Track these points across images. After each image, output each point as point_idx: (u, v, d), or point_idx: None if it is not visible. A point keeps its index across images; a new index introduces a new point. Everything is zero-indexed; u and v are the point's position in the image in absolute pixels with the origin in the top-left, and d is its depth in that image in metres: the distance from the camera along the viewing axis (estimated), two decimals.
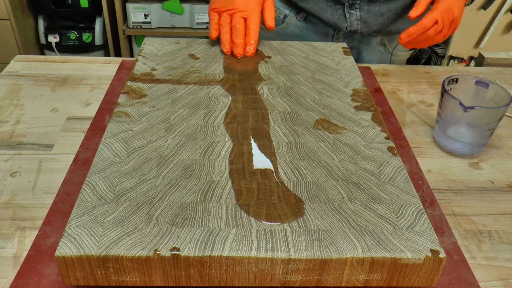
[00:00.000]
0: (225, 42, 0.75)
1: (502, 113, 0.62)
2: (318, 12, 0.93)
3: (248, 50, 0.74)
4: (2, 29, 2.18)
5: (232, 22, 0.75)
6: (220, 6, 0.77)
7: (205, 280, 0.42)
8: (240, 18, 0.75)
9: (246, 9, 0.76)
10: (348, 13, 0.91)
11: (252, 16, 0.75)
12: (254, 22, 0.75)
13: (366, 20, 0.91)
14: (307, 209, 0.45)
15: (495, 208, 0.58)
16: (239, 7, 0.76)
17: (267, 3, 0.79)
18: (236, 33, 0.74)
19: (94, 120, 0.68)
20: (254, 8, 0.76)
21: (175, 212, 0.44)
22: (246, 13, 0.75)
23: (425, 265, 0.42)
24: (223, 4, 0.77)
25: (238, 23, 0.75)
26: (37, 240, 0.49)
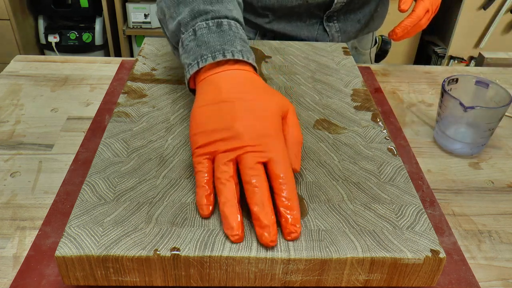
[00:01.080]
0: (232, 220, 0.40)
1: (502, 113, 0.63)
2: (294, 31, 0.87)
3: (293, 231, 0.40)
4: (2, 29, 2.18)
5: (242, 170, 0.41)
6: (210, 146, 0.43)
7: (205, 280, 0.42)
8: (256, 164, 0.41)
9: (261, 144, 0.42)
10: (328, 27, 0.88)
11: (278, 157, 0.42)
12: (282, 167, 0.41)
13: (345, 30, 0.90)
14: (307, 209, 0.45)
15: (495, 208, 0.58)
16: (248, 141, 0.42)
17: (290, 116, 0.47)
18: (261, 206, 0.40)
19: (94, 120, 0.68)
20: (278, 137, 0.43)
21: (175, 212, 0.44)
22: (264, 153, 0.41)
23: (425, 265, 0.42)
24: (218, 137, 0.43)
25: (254, 175, 0.40)
26: (37, 240, 0.49)
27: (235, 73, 0.48)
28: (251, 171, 0.40)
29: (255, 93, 0.46)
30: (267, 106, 0.45)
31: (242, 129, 0.42)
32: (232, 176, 0.41)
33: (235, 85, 0.47)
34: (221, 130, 0.43)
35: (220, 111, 0.44)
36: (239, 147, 0.42)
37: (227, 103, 0.44)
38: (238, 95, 0.45)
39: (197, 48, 0.50)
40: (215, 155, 0.43)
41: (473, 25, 2.17)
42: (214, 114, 0.44)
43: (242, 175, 0.41)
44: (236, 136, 0.42)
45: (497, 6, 2.11)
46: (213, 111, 0.45)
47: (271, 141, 0.42)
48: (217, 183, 0.42)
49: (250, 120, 0.43)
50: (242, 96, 0.45)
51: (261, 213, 0.39)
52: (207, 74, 0.49)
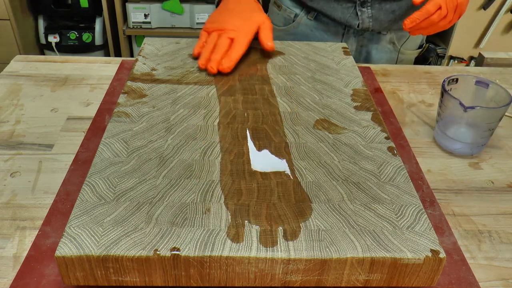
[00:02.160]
0: (202, 57, 0.70)
1: (502, 113, 0.62)
2: (329, 11, 0.93)
3: (223, 63, 0.68)
4: (2, 29, 2.18)
5: (217, 41, 0.72)
6: (211, 26, 0.75)
7: (205, 280, 0.42)
8: (226, 38, 0.71)
9: (235, 29, 0.72)
10: (360, 11, 0.92)
11: (239, 36, 0.72)
12: (240, 42, 0.71)
13: (377, 17, 0.92)
14: (307, 209, 0.45)
15: (495, 208, 0.58)
16: (229, 28, 0.73)
17: (263, 26, 0.75)
18: (216, 49, 0.70)
19: (94, 120, 0.68)
20: (246, 30, 0.73)
21: (175, 212, 0.44)
22: (234, 33, 0.72)
23: (425, 265, 0.42)
24: (215, 25, 0.75)
25: (222, 42, 0.71)
26: (37, 240, 0.49)
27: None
28: (222, 39, 0.71)
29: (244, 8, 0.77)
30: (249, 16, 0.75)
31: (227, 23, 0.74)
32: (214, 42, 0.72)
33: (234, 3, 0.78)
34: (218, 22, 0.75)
35: (221, 14, 0.77)
36: (223, 29, 0.73)
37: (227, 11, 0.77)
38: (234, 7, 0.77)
39: None
40: (210, 32, 0.75)
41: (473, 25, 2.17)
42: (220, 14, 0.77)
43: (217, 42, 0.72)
44: (223, 24, 0.74)
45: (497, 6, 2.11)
46: (218, 13, 0.78)
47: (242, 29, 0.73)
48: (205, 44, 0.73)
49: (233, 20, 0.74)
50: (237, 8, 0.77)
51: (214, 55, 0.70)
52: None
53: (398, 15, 0.93)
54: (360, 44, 0.97)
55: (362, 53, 0.98)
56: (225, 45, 0.70)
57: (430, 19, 0.75)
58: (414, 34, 0.80)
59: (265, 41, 0.73)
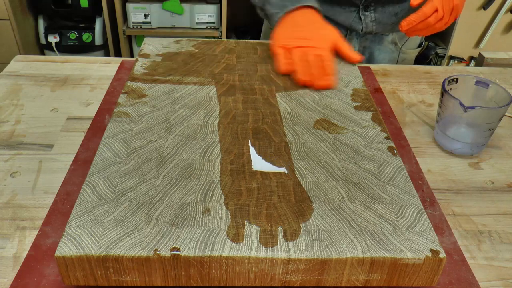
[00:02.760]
0: (304, 73, 0.67)
1: (502, 113, 0.62)
2: (332, 15, 0.93)
3: (328, 79, 0.67)
4: (2, 29, 2.18)
5: (307, 58, 0.69)
6: (289, 43, 0.72)
7: (205, 280, 0.42)
8: (315, 56, 0.69)
9: (319, 46, 0.70)
10: (363, 15, 0.92)
11: (326, 53, 0.70)
12: (329, 58, 0.69)
13: (380, 20, 0.93)
14: (307, 209, 0.45)
15: (495, 208, 0.58)
16: (311, 45, 0.70)
17: (340, 41, 0.75)
18: (314, 67, 0.68)
19: (94, 120, 0.68)
20: (328, 46, 0.71)
21: (175, 212, 0.44)
22: (320, 51, 0.70)
23: (425, 265, 0.42)
24: (294, 42, 0.72)
25: (313, 59, 0.68)
26: (37, 240, 0.49)
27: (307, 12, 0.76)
28: (312, 56, 0.69)
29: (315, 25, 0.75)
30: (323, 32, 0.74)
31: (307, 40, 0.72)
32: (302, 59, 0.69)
33: (303, 18, 0.76)
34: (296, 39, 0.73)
35: (294, 30, 0.74)
36: (306, 46, 0.70)
37: (301, 26, 0.75)
38: (305, 23, 0.75)
39: (280, 1, 0.78)
40: (290, 49, 0.71)
41: (473, 25, 2.17)
42: (294, 30, 0.75)
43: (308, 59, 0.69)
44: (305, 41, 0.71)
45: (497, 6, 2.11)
46: (290, 29, 0.75)
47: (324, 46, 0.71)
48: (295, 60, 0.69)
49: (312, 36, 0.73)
50: (309, 25, 0.75)
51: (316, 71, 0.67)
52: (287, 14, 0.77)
53: (401, 17, 0.93)
54: (362, 46, 0.97)
55: (365, 54, 0.99)
56: (318, 62, 0.68)
57: (426, 22, 0.75)
58: (411, 35, 0.80)
59: (351, 54, 0.74)
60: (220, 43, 0.78)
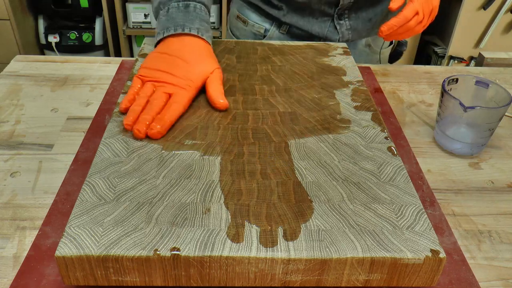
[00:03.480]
0: (129, 115, 0.55)
1: (502, 113, 0.63)
2: (305, 26, 0.91)
3: (153, 128, 0.53)
4: (2, 29, 2.18)
5: (151, 96, 0.59)
6: (146, 73, 0.61)
7: (205, 280, 0.42)
8: (162, 93, 0.59)
9: (176, 83, 0.60)
10: (338, 24, 0.90)
11: (180, 92, 0.59)
12: (179, 100, 0.58)
13: (356, 28, 0.91)
14: (307, 209, 0.45)
15: (495, 208, 0.58)
16: (168, 80, 0.60)
17: (212, 77, 0.62)
18: (149, 107, 0.57)
19: (94, 120, 0.68)
20: (189, 84, 0.60)
21: (175, 212, 0.44)
22: (173, 88, 0.59)
23: (425, 265, 0.42)
24: (151, 73, 0.61)
25: (156, 98, 0.58)
26: (37, 240, 0.49)
27: (186, 38, 0.65)
28: (158, 94, 0.59)
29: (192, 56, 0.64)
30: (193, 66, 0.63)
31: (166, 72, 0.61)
32: (147, 95, 0.59)
33: (179, 46, 0.65)
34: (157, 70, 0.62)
35: (161, 59, 0.63)
36: (161, 81, 0.60)
37: (168, 55, 0.63)
38: (177, 52, 0.64)
39: (166, 21, 0.67)
40: (145, 81, 0.61)
41: (473, 25, 2.17)
42: (159, 59, 0.63)
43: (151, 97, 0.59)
44: (162, 75, 0.61)
45: (497, 6, 2.11)
46: (158, 57, 0.64)
47: (184, 84, 0.60)
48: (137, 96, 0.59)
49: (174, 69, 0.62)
50: (181, 54, 0.63)
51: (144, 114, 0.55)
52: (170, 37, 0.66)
53: (375, 22, 0.92)
54: None
55: None
56: (160, 102, 0.57)
57: (407, 25, 0.73)
58: (389, 40, 0.77)
59: (216, 97, 0.60)
60: (220, 43, 0.78)
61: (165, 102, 0.58)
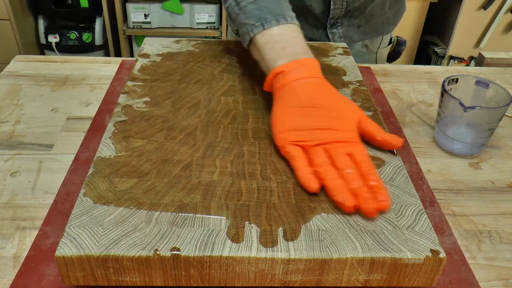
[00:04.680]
0: (345, 194, 0.46)
1: (502, 113, 0.62)
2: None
3: (382, 198, 0.45)
4: (2, 29, 2.18)
5: (334, 161, 0.49)
6: (301, 137, 0.51)
7: (205, 280, 0.42)
8: (345, 155, 0.50)
9: (347, 139, 0.51)
10: (331, 33, 0.91)
11: (358, 148, 0.51)
12: (365, 158, 0.50)
13: (348, 35, 0.92)
14: (307, 209, 0.45)
15: (495, 208, 0.58)
16: (338, 137, 0.51)
17: (365, 119, 0.55)
18: (350, 176, 0.48)
19: (94, 120, 0.68)
20: (356, 135, 0.52)
21: (175, 212, 0.44)
22: (348, 146, 0.51)
23: (425, 265, 0.42)
24: (309, 135, 0.51)
25: (347, 165, 0.49)
26: (37, 240, 0.49)
27: (310, 82, 0.56)
28: (342, 157, 0.49)
29: (332, 100, 0.55)
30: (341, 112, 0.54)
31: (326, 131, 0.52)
32: (329, 163, 0.49)
33: (315, 92, 0.55)
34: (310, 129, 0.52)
35: (308, 114, 0.53)
36: (329, 141, 0.51)
37: (311, 108, 0.53)
38: (318, 101, 0.54)
39: (258, 11, 0.60)
40: (308, 147, 0.51)
41: (473, 25, 2.17)
42: (304, 115, 0.53)
43: (336, 163, 0.49)
44: (326, 134, 0.51)
45: (497, 6, 2.11)
46: (299, 113, 0.53)
47: (352, 136, 0.52)
48: (320, 169, 0.49)
49: (332, 123, 0.52)
50: (322, 102, 0.54)
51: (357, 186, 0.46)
52: (285, 80, 0.56)
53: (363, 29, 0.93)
54: None
55: None
56: (353, 167, 0.49)
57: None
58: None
59: (391, 139, 0.53)
60: (220, 43, 0.78)
61: (359, 166, 0.49)
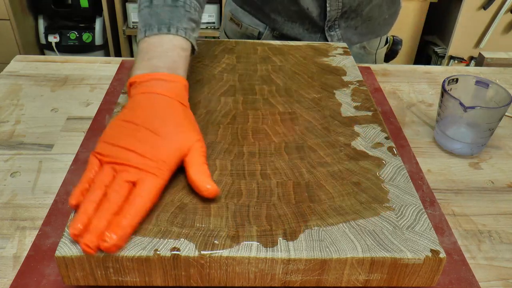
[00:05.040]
0: (78, 217, 0.41)
1: (502, 113, 0.63)
2: (296, 35, 0.91)
3: (107, 239, 0.39)
4: (2, 29, 2.18)
5: (109, 187, 0.43)
6: (106, 151, 0.46)
7: (205, 280, 0.42)
8: (123, 182, 0.43)
9: (143, 167, 0.44)
10: (330, 36, 0.91)
11: (148, 180, 0.44)
12: (145, 192, 0.43)
13: (346, 37, 0.92)
14: (307, 209, 0.45)
15: (495, 208, 0.58)
16: (134, 162, 0.44)
17: (193, 154, 0.48)
18: (103, 206, 0.42)
19: (94, 120, 0.68)
20: (160, 166, 0.45)
21: (175, 212, 0.44)
22: (139, 174, 0.44)
23: (425, 265, 0.42)
24: (112, 151, 0.46)
25: (116, 190, 0.43)
26: (37, 240, 0.49)
27: (157, 98, 0.50)
28: (119, 183, 0.44)
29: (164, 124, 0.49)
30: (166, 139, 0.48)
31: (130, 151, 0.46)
32: (104, 184, 0.44)
33: (150, 110, 0.50)
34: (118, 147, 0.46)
35: (125, 129, 0.48)
36: (124, 163, 0.45)
37: (134, 125, 0.48)
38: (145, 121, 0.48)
39: (148, 16, 0.57)
40: (103, 162, 0.46)
41: (473, 25, 2.17)
42: (122, 131, 0.48)
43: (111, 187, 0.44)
44: (126, 155, 0.45)
45: (497, 6, 2.11)
46: (122, 128, 0.48)
47: (154, 166, 0.45)
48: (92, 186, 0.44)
49: (141, 145, 0.46)
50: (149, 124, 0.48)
51: (99, 217, 0.41)
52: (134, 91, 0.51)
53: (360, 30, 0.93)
54: None
55: None
56: (120, 196, 0.43)
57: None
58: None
59: (201, 182, 0.45)
60: (220, 43, 0.78)
61: (126, 195, 0.43)
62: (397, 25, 1.02)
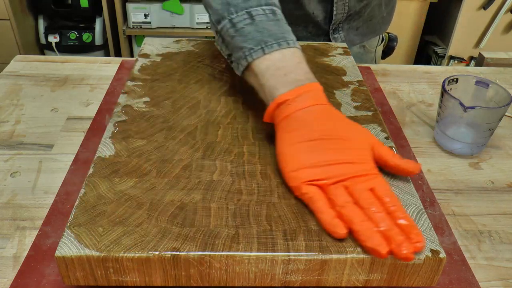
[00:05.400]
0: (377, 239, 0.41)
1: (502, 113, 0.63)
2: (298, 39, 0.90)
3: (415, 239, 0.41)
4: (2, 29, 2.18)
5: (356, 199, 0.44)
6: (318, 175, 0.46)
7: (205, 280, 0.42)
8: (367, 192, 0.45)
9: (366, 172, 0.47)
10: (334, 39, 0.91)
11: (378, 181, 0.46)
12: (388, 188, 0.46)
13: (349, 38, 0.93)
14: (307, 209, 0.45)
15: (495, 208, 0.58)
16: (356, 171, 0.46)
17: (377, 147, 0.50)
18: (377, 216, 0.43)
19: (94, 120, 0.68)
20: (373, 166, 0.48)
21: (175, 212, 0.44)
22: (368, 180, 0.46)
23: (425, 265, 0.42)
24: (325, 172, 0.46)
25: (371, 202, 0.44)
26: (37, 240, 0.49)
27: (316, 110, 0.52)
28: (365, 195, 0.45)
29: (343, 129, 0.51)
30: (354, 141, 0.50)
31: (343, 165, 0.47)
32: (351, 202, 0.44)
33: (322, 121, 0.51)
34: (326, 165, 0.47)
35: (321, 147, 0.48)
36: (347, 177, 0.46)
37: (322, 140, 0.49)
38: (328, 132, 0.50)
39: (258, 33, 0.54)
40: (325, 186, 0.46)
41: (473, 25, 2.17)
42: (315, 151, 0.48)
43: (360, 202, 0.44)
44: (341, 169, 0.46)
45: (497, 6, 2.11)
46: (311, 147, 0.48)
47: (369, 167, 0.47)
48: (344, 210, 0.44)
49: (346, 156, 0.48)
50: (333, 133, 0.50)
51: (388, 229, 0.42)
52: (289, 110, 0.51)
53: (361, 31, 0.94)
54: None
55: None
56: (380, 204, 0.44)
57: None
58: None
59: (406, 164, 0.49)
60: None
61: (380, 202, 0.44)
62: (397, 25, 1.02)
